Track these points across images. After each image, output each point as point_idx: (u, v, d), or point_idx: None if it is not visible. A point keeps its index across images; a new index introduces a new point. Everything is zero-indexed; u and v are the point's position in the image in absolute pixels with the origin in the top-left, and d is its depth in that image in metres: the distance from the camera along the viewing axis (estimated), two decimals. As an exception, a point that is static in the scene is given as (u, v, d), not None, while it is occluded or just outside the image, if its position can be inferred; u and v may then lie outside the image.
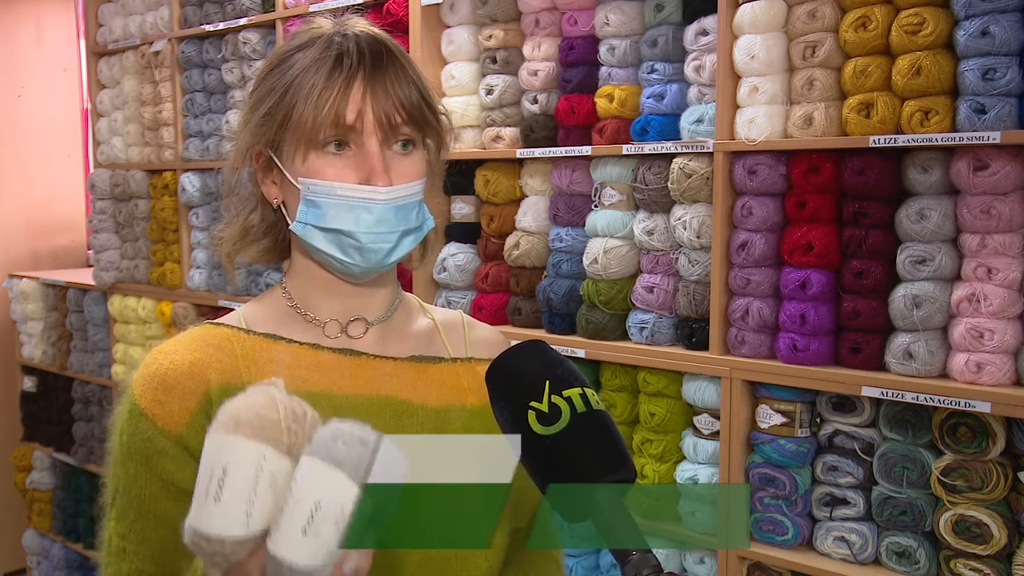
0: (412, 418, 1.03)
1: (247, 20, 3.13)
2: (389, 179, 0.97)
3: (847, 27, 1.89)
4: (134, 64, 3.69)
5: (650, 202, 2.22)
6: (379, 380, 1.03)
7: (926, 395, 1.80)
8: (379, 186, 0.96)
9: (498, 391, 0.82)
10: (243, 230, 1.07)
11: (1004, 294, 1.77)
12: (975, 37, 1.73)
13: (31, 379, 4.46)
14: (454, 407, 1.05)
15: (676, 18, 2.20)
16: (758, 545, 2.09)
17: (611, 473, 0.75)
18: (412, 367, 1.06)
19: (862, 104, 1.88)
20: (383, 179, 0.96)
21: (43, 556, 4.45)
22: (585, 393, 0.79)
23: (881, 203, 1.90)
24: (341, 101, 0.95)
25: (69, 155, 4.86)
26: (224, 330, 1.03)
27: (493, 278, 2.56)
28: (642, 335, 2.25)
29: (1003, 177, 1.74)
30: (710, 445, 2.16)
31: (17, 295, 4.40)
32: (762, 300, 2.05)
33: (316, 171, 0.98)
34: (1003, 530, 1.77)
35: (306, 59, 0.98)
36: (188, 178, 3.41)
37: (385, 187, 0.97)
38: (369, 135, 0.97)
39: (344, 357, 1.03)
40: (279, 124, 0.98)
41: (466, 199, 2.65)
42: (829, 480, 2.02)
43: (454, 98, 2.60)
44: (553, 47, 2.42)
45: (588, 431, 0.77)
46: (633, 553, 0.71)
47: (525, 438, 0.78)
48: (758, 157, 2.02)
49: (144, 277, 3.70)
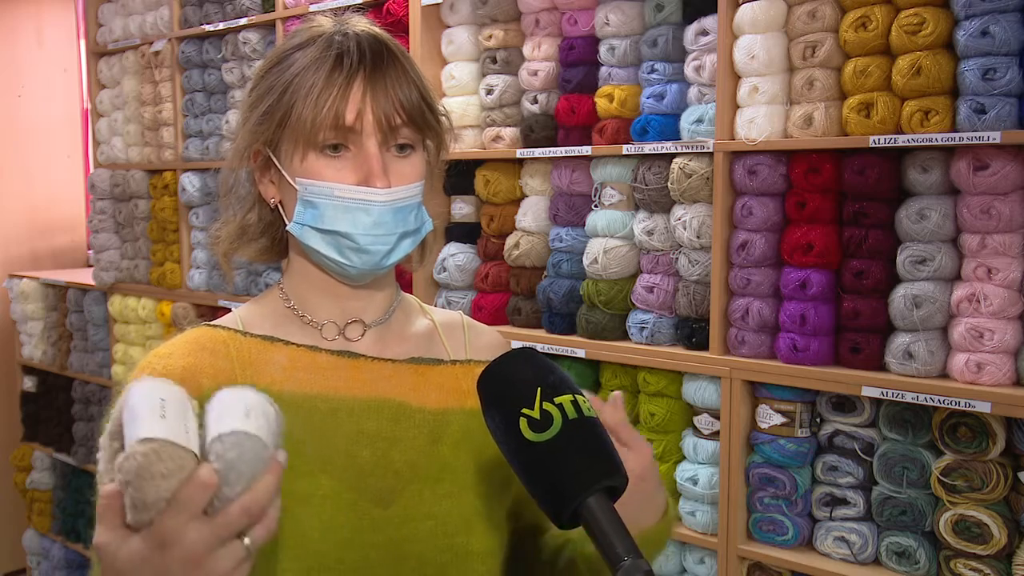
0: (410, 420, 1.02)
1: (247, 20, 3.13)
2: (388, 181, 0.96)
3: (847, 27, 1.89)
4: (134, 64, 3.69)
5: (650, 202, 2.22)
6: (377, 382, 1.02)
7: (926, 395, 1.80)
8: (377, 188, 0.96)
9: (489, 398, 0.82)
10: (240, 229, 1.07)
11: (1004, 294, 1.76)
12: (975, 37, 1.73)
13: (31, 379, 4.46)
14: (453, 409, 1.05)
15: (676, 18, 2.20)
16: (758, 545, 2.09)
17: (603, 479, 0.75)
18: (411, 369, 1.05)
19: (862, 104, 1.88)
20: (382, 181, 0.96)
21: (43, 556, 4.45)
22: (577, 400, 0.79)
23: (881, 203, 1.90)
24: (340, 101, 0.95)
25: (69, 155, 4.86)
26: (220, 332, 1.02)
27: (493, 278, 2.56)
28: (642, 335, 2.25)
29: (1003, 177, 1.74)
30: (710, 445, 2.16)
31: (17, 295, 4.40)
32: (762, 300, 2.05)
33: (314, 172, 0.97)
34: (1003, 530, 1.77)
35: (306, 58, 0.97)
36: (188, 178, 3.41)
37: (384, 189, 0.96)
38: (368, 136, 0.96)
39: (342, 359, 1.02)
40: (277, 123, 0.98)
41: (466, 199, 2.65)
42: (829, 480, 2.02)
43: (454, 98, 2.60)
44: (553, 47, 2.42)
45: (580, 438, 0.77)
46: (625, 559, 0.71)
47: (517, 445, 0.78)
48: (758, 157, 2.02)
49: (144, 277, 3.70)
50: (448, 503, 1.00)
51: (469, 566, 1.00)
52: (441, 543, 0.99)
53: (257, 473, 0.73)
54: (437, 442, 1.02)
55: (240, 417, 0.74)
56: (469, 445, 1.03)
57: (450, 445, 1.03)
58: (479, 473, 1.03)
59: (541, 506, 0.77)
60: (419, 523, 0.98)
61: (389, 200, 0.97)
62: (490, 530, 1.02)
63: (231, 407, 0.74)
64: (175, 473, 0.71)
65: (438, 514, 0.99)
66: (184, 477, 0.71)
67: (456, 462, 1.02)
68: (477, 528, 1.01)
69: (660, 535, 0.99)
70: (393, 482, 0.99)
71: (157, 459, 0.70)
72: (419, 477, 1.00)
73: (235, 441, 0.72)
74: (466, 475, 1.02)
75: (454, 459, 1.02)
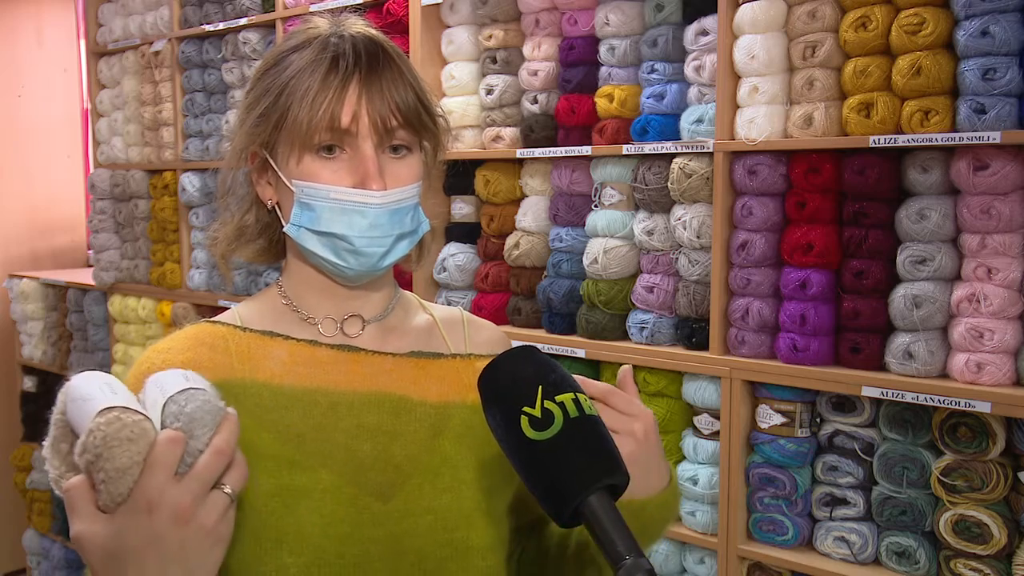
0: (411, 414, 1.02)
1: (247, 20, 3.13)
2: (384, 183, 0.96)
3: (847, 27, 1.89)
4: (134, 64, 3.69)
5: (650, 202, 2.22)
6: (378, 376, 1.03)
7: (926, 395, 1.80)
8: (373, 190, 0.96)
9: (490, 396, 0.82)
10: (238, 230, 1.07)
11: (1004, 294, 1.76)
12: (975, 37, 1.73)
13: (31, 379, 4.46)
14: (454, 403, 1.05)
15: (676, 18, 2.20)
16: (758, 545, 2.09)
17: (604, 477, 0.75)
18: (412, 363, 1.05)
19: (862, 104, 1.88)
20: (378, 183, 0.96)
21: (43, 556, 4.45)
22: (578, 398, 0.79)
23: (881, 203, 1.90)
24: (336, 104, 0.95)
25: (69, 155, 4.86)
26: (219, 328, 1.03)
27: (493, 278, 2.56)
28: (642, 335, 2.25)
29: (1003, 177, 1.74)
30: (710, 445, 2.16)
31: (17, 295, 4.40)
32: (762, 300, 2.05)
33: (310, 174, 0.97)
34: (1003, 530, 1.77)
35: (302, 60, 0.97)
36: (188, 178, 3.41)
37: (379, 191, 0.96)
38: (364, 138, 0.96)
39: (342, 353, 1.03)
40: (274, 125, 0.98)
41: (466, 199, 2.65)
42: (829, 480, 2.02)
43: (454, 98, 2.60)
44: (553, 47, 2.42)
45: (581, 436, 0.77)
46: (627, 557, 0.71)
47: (517, 444, 0.78)
48: (758, 157, 2.02)
49: (144, 277, 3.70)
50: (448, 497, 1.00)
51: (469, 561, 1.00)
52: (441, 538, 0.98)
53: (217, 419, 0.77)
54: (438, 436, 1.02)
55: (181, 381, 0.78)
56: (470, 439, 1.03)
57: (451, 439, 1.03)
58: (480, 468, 1.03)
59: (542, 504, 0.77)
60: (419, 517, 0.98)
61: (385, 202, 0.97)
62: (490, 525, 1.02)
63: (168, 378, 0.79)
64: (141, 436, 0.73)
65: (438, 508, 0.99)
66: (150, 440, 0.74)
67: (457, 456, 1.02)
68: (477, 523, 1.01)
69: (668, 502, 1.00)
70: (393, 476, 0.99)
71: (121, 424, 0.72)
72: (419, 471, 1.00)
73: (188, 396, 0.76)
74: (467, 469, 1.02)
75: (455, 453, 1.02)
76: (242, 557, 0.93)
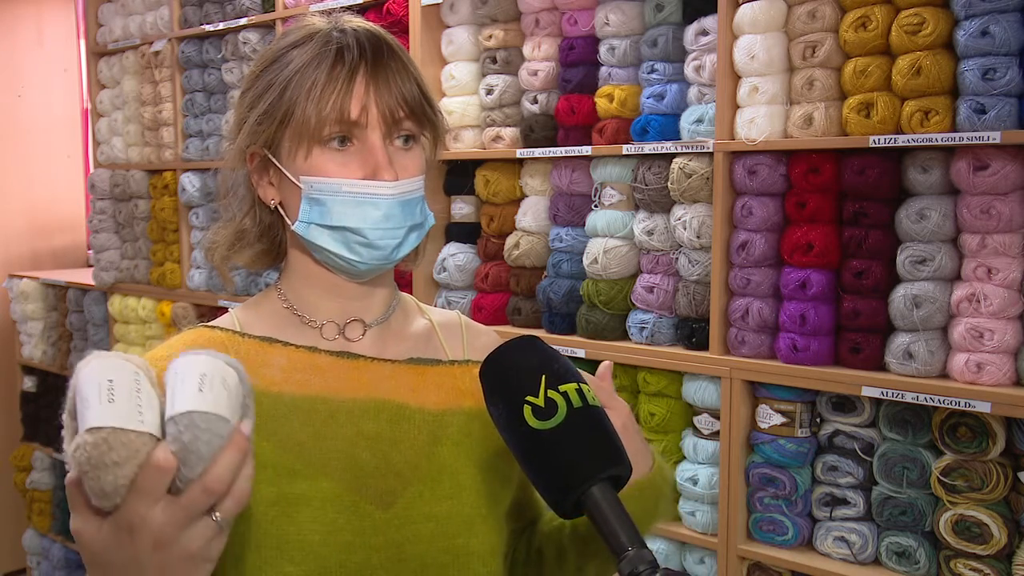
0: (410, 421, 1.02)
1: (247, 20, 3.13)
2: (395, 173, 0.96)
3: (847, 27, 1.89)
4: (134, 64, 3.69)
5: (650, 202, 2.22)
6: (377, 383, 1.02)
7: (926, 395, 1.80)
8: (385, 180, 0.96)
9: (493, 386, 0.81)
10: (236, 234, 1.06)
11: (1004, 294, 1.76)
12: (975, 37, 1.73)
13: (31, 379, 4.45)
14: (452, 410, 1.04)
15: (676, 18, 2.20)
16: (758, 545, 2.09)
17: (607, 468, 0.75)
18: (410, 369, 1.05)
19: (862, 104, 1.88)
20: (389, 173, 0.96)
21: (43, 556, 4.45)
22: (581, 388, 0.78)
23: (881, 203, 1.90)
24: (344, 96, 0.94)
25: (69, 155, 4.86)
26: (218, 334, 1.02)
27: (493, 278, 2.56)
28: (642, 335, 2.25)
29: (1003, 177, 1.74)
30: (710, 445, 2.16)
31: (17, 295, 4.40)
32: (762, 300, 2.05)
33: (319, 168, 0.96)
34: (1003, 530, 1.77)
35: (304, 55, 0.96)
36: (188, 178, 3.41)
37: (391, 181, 0.96)
38: (373, 130, 0.96)
39: (341, 360, 1.02)
40: (279, 122, 0.97)
41: (466, 199, 2.65)
42: (829, 480, 2.02)
43: (454, 98, 2.60)
44: (553, 47, 2.42)
45: (584, 426, 0.76)
46: (629, 548, 0.71)
47: (520, 433, 0.77)
48: (758, 157, 2.02)
49: (144, 277, 3.70)
50: (448, 504, 1.00)
51: (470, 567, 0.99)
52: (441, 544, 0.98)
53: (216, 450, 0.71)
54: (437, 443, 1.02)
55: (193, 393, 0.71)
56: (469, 446, 1.03)
57: (450, 446, 1.02)
58: (479, 473, 1.03)
59: (543, 495, 0.76)
60: (419, 525, 0.98)
61: (397, 192, 0.97)
62: (491, 531, 1.02)
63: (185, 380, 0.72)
64: (128, 460, 0.69)
65: (438, 515, 0.99)
66: (141, 461, 0.69)
67: (456, 463, 1.02)
68: (478, 529, 1.01)
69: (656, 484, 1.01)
70: (394, 483, 0.98)
71: (107, 448, 0.68)
72: (419, 478, 1.00)
73: (188, 423, 0.70)
74: (466, 476, 1.02)
75: (454, 460, 1.02)
76: (243, 567, 0.92)
